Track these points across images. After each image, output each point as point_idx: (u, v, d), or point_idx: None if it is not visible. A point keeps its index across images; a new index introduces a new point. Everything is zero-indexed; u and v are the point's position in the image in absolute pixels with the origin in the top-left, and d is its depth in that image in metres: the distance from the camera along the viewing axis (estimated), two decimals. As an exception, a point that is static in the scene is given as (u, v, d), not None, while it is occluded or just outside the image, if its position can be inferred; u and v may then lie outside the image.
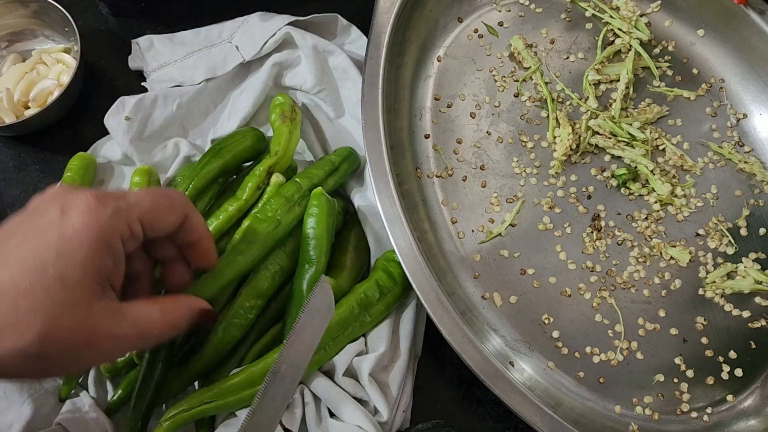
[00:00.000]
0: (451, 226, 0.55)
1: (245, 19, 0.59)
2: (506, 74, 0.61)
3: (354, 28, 0.60)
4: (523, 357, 0.51)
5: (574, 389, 0.51)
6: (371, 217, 0.52)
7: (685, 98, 0.61)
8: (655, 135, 0.59)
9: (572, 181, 0.57)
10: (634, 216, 0.57)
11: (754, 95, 0.61)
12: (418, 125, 0.57)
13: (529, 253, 0.54)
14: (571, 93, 0.60)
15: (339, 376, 0.47)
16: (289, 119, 0.53)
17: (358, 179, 0.56)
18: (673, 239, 0.56)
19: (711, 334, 0.54)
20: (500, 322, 0.52)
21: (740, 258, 0.56)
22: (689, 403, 0.51)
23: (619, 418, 0.50)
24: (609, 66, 0.61)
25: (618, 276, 0.55)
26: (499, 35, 0.62)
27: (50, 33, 0.60)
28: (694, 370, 0.52)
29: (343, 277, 0.50)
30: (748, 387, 0.53)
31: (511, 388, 0.45)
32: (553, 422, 0.45)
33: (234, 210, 0.50)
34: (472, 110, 0.59)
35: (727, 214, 0.58)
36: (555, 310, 0.53)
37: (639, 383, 0.52)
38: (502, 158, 0.57)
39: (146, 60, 0.59)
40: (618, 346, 0.52)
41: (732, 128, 0.61)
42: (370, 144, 0.49)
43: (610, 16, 0.62)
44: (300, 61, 0.58)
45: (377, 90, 0.51)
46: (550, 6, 0.64)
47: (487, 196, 0.56)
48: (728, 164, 0.59)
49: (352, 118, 0.58)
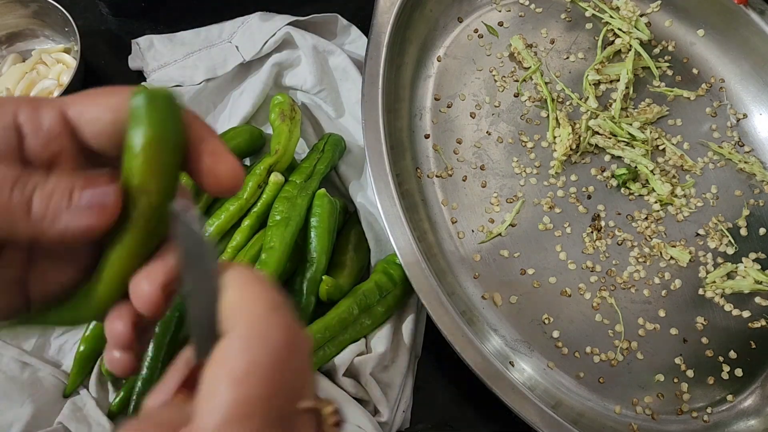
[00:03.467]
0: (451, 226, 0.55)
1: (245, 19, 0.59)
2: (506, 74, 0.61)
3: (354, 28, 0.60)
4: (523, 357, 0.51)
5: (574, 389, 0.51)
6: (371, 217, 0.52)
7: (685, 98, 0.61)
8: (655, 135, 0.59)
9: (572, 181, 0.57)
10: (634, 216, 0.57)
11: (754, 95, 0.61)
12: (418, 125, 0.57)
13: (529, 253, 0.54)
14: (571, 93, 0.60)
15: (339, 377, 0.47)
16: (289, 118, 0.53)
17: (357, 175, 0.56)
18: (673, 239, 0.56)
19: (711, 334, 0.54)
20: (500, 322, 0.52)
21: (740, 258, 0.56)
22: (689, 403, 0.51)
23: (619, 418, 0.50)
24: (609, 66, 0.61)
25: (618, 276, 0.55)
26: (499, 35, 0.62)
27: (50, 33, 0.60)
28: (694, 370, 0.52)
29: (343, 277, 0.50)
30: (748, 387, 0.53)
31: (511, 388, 0.45)
32: (553, 422, 0.45)
33: (235, 209, 0.50)
34: (472, 110, 0.59)
35: (727, 214, 0.58)
36: (555, 310, 0.53)
37: (639, 383, 0.52)
38: (502, 158, 0.57)
39: (146, 60, 0.59)
40: (618, 346, 0.52)
41: (732, 128, 0.61)
42: (370, 144, 0.49)
43: (610, 16, 0.62)
44: (300, 61, 0.58)
45: (377, 90, 0.51)
46: (550, 6, 0.64)
47: (487, 196, 0.56)
48: (728, 164, 0.60)
49: (352, 118, 0.58)
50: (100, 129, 0.23)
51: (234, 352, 0.20)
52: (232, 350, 0.20)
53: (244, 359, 0.20)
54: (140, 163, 0.22)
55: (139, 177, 0.22)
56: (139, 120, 0.22)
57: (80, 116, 0.23)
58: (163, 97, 0.22)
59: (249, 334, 0.20)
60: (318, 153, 0.53)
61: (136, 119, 0.22)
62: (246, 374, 0.19)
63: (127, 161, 0.22)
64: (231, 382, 0.19)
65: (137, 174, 0.22)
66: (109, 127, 0.23)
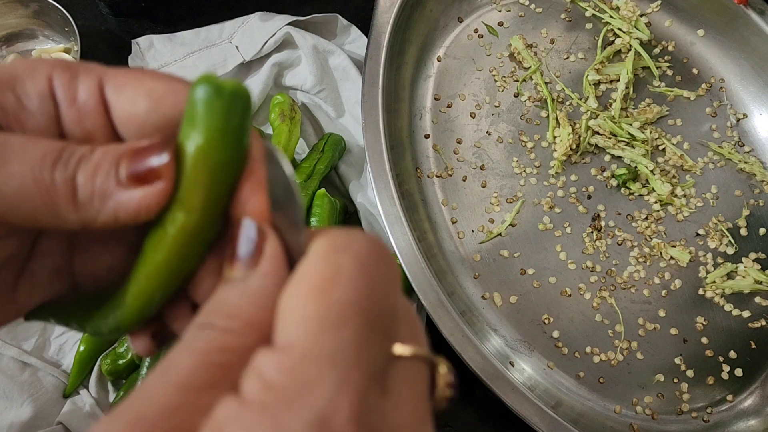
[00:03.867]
0: (451, 226, 0.55)
1: (245, 19, 0.59)
2: (506, 74, 0.61)
3: (354, 28, 0.60)
4: (523, 357, 0.51)
5: (574, 389, 0.51)
6: (371, 217, 0.52)
7: (685, 98, 0.61)
8: (655, 135, 0.59)
9: (572, 181, 0.57)
10: (634, 216, 0.57)
11: (754, 95, 0.61)
12: (418, 125, 0.57)
13: (529, 253, 0.54)
14: (571, 93, 0.60)
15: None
16: (289, 118, 0.53)
17: (357, 175, 0.56)
18: (673, 239, 0.56)
19: (711, 334, 0.54)
20: (500, 322, 0.52)
21: (740, 258, 0.56)
22: (689, 403, 0.51)
23: (619, 418, 0.50)
24: (609, 66, 0.61)
25: (618, 276, 0.55)
26: (499, 35, 0.62)
27: (50, 33, 0.60)
28: (694, 370, 0.52)
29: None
30: (748, 387, 0.53)
31: (511, 388, 0.45)
32: (553, 422, 0.45)
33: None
34: (472, 110, 0.59)
35: (727, 214, 0.58)
36: (555, 310, 0.53)
37: (639, 383, 0.52)
38: (502, 158, 0.57)
39: (146, 60, 0.59)
40: (618, 346, 0.52)
41: (732, 128, 0.61)
42: (370, 144, 0.49)
43: (610, 16, 0.62)
44: (300, 61, 0.58)
45: (377, 90, 0.51)
46: (550, 6, 0.64)
47: (487, 196, 0.56)
48: (728, 164, 0.59)
49: (352, 118, 0.58)
50: (131, 114, 0.19)
51: (313, 265, 0.17)
52: (311, 264, 0.17)
53: (326, 268, 0.16)
54: (189, 173, 0.18)
55: (185, 189, 0.18)
56: (196, 118, 0.17)
57: (116, 94, 0.19)
58: (232, 93, 0.17)
59: (329, 246, 0.17)
60: (318, 153, 0.53)
61: (193, 116, 0.17)
62: (331, 281, 0.16)
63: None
64: (314, 291, 0.16)
65: (183, 184, 0.18)
66: (142, 116, 0.19)
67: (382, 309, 0.17)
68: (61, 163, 0.18)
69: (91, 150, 0.18)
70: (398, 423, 0.16)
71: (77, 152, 0.18)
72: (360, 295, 0.16)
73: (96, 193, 0.18)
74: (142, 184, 0.18)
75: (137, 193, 0.18)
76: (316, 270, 0.16)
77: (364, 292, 0.16)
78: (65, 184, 0.18)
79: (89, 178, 0.18)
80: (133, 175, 0.18)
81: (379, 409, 0.16)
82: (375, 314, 0.16)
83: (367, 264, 0.17)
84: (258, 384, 0.15)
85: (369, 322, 0.16)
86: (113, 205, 0.18)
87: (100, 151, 0.18)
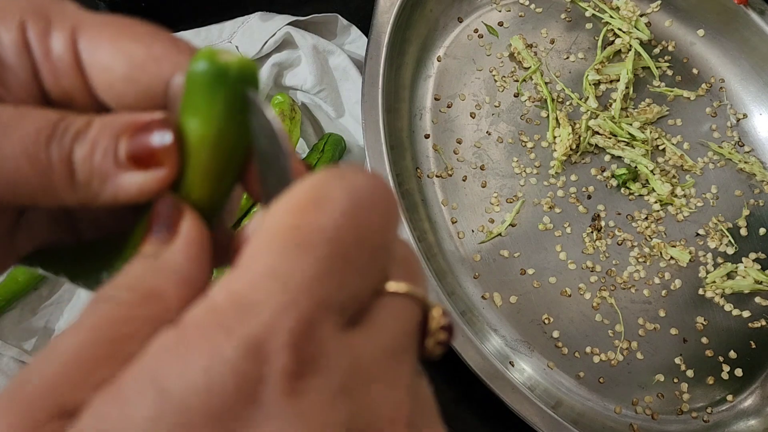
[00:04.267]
0: (451, 226, 0.55)
1: (245, 19, 0.59)
2: (506, 74, 0.61)
3: (354, 28, 0.60)
4: (523, 357, 0.51)
5: (574, 389, 0.51)
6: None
7: (685, 98, 0.61)
8: (655, 135, 0.59)
9: (572, 181, 0.57)
10: (634, 216, 0.57)
11: (754, 95, 0.61)
12: (418, 125, 0.57)
13: (529, 253, 0.54)
14: (571, 93, 0.60)
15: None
16: (289, 118, 0.53)
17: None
18: (673, 239, 0.56)
19: (711, 334, 0.54)
20: (500, 322, 0.52)
21: (740, 258, 0.56)
22: (689, 403, 0.51)
23: (619, 418, 0.50)
24: (609, 66, 0.61)
25: (618, 276, 0.55)
26: (499, 35, 0.62)
27: (50, 33, 0.60)
28: (694, 370, 0.52)
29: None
30: (748, 387, 0.53)
31: (511, 388, 0.45)
32: (553, 422, 0.45)
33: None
34: (472, 110, 0.59)
35: (727, 214, 0.58)
36: (555, 310, 0.53)
37: (639, 383, 0.52)
38: (502, 158, 0.57)
39: (146, 60, 0.59)
40: (618, 346, 0.52)
41: (732, 128, 0.61)
42: (370, 144, 0.49)
43: (610, 16, 0.62)
44: (300, 61, 0.58)
45: (377, 90, 0.51)
46: (550, 6, 0.64)
47: (487, 196, 0.56)
48: (728, 164, 0.60)
49: (352, 118, 0.58)
50: (107, 81, 0.17)
51: (300, 187, 0.15)
52: (299, 187, 0.15)
53: (311, 192, 0.15)
54: (193, 161, 0.16)
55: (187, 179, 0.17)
56: (198, 105, 0.16)
57: (90, 53, 0.17)
58: (239, 75, 0.16)
59: (324, 174, 0.15)
60: (318, 153, 0.53)
61: (195, 102, 0.16)
62: (313, 205, 0.14)
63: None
64: (290, 212, 0.14)
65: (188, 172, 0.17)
66: (119, 85, 0.17)
67: (370, 244, 0.15)
68: (56, 138, 0.16)
69: (88, 123, 0.16)
70: (366, 357, 0.15)
71: (73, 126, 0.16)
72: (340, 224, 0.14)
73: (95, 173, 0.16)
74: (144, 168, 0.16)
75: (138, 177, 0.16)
76: (301, 192, 0.15)
77: (346, 221, 0.15)
78: (62, 164, 0.16)
79: (87, 156, 0.16)
80: (134, 156, 0.16)
81: (332, 341, 0.14)
82: (356, 246, 0.15)
83: (360, 197, 0.15)
84: (203, 307, 0.14)
85: (343, 253, 0.14)
86: (113, 187, 0.17)
87: (97, 125, 0.16)
